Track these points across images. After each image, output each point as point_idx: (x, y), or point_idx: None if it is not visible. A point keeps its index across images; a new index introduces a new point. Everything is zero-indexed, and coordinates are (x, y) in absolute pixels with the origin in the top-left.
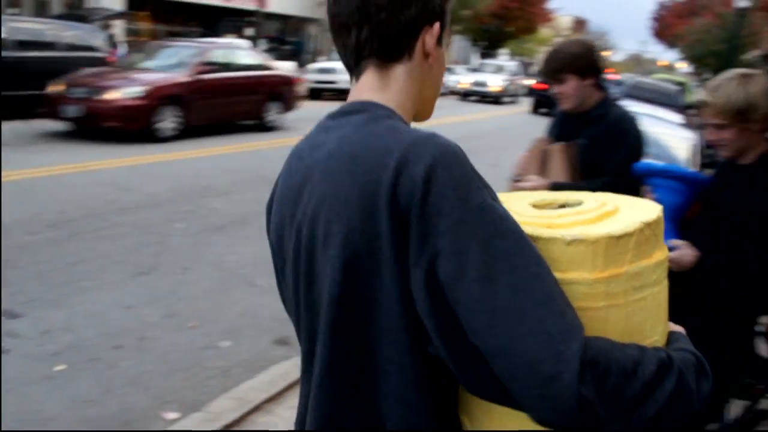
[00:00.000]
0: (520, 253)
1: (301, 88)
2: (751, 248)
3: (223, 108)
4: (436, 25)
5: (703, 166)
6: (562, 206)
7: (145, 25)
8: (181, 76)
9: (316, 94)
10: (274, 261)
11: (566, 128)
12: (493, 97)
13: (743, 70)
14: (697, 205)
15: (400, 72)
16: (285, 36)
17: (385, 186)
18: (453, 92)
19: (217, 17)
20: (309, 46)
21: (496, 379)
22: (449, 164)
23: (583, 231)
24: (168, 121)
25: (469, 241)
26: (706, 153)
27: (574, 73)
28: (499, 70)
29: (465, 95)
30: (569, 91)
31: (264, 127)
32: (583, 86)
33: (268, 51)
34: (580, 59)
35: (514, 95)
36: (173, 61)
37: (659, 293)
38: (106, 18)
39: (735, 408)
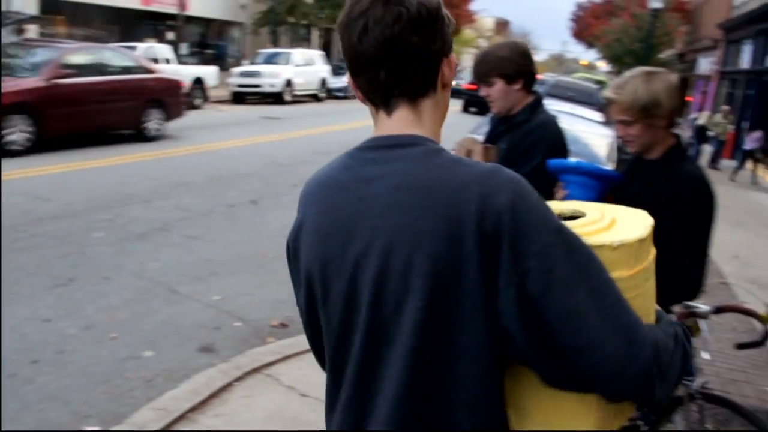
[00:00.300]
0: (591, 264)
1: (218, 92)
2: (658, 242)
3: (90, 117)
4: (452, 56)
5: (622, 162)
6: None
7: (61, 30)
8: (32, 82)
9: (239, 98)
10: (307, 291)
11: (495, 131)
12: None
13: (648, 68)
14: (608, 201)
15: (428, 105)
16: (207, 39)
17: (470, 217)
18: None
19: (137, 21)
20: (232, 50)
21: (577, 370)
22: (525, 194)
23: (622, 236)
24: (15, 132)
25: (554, 260)
26: (625, 149)
27: (501, 77)
28: None
29: None
30: (495, 94)
31: (144, 138)
32: (511, 90)
33: (190, 55)
34: (508, 63)
35: None
36: (29, 65)
37: (654, 281)
38: (20, 22)
39: None
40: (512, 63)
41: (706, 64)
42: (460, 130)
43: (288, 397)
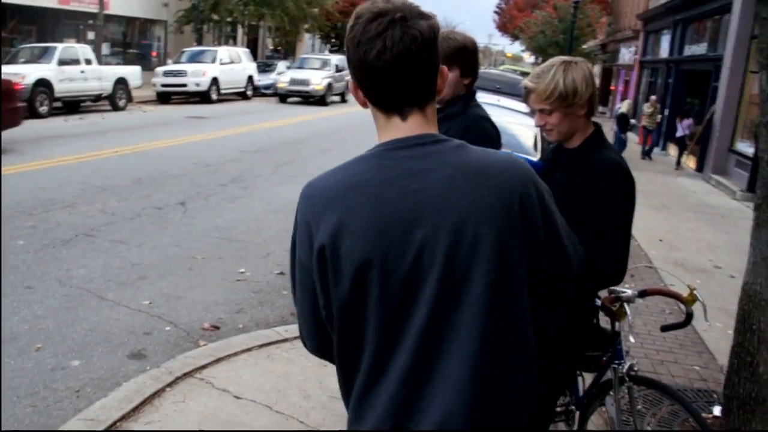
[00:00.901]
0: (559, 211)
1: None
2: (582, 229)
3: None
4: (444, 67)
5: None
6: None
7: None
8: None
9: (164, 97)
10: (354, 283)
11: None
12: (317, 96)
13: (565, 57)
14: None
15: (431, 109)
16: (129, 39)
17: (516, 192)
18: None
19: (55, 21)
20: (156, 49)
21: (565, 276)
22: (534, 172)
23: None
24: None
25: (556, 214)
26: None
27: (459, 67)
28: (324, 65)
29: (283, 97)
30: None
31: None
32: (460, 83)
33: (112, 55)
34: (470, 57)
35: (342, 94)
36: None
37: None
38: None
39: (589, 382)
40: (472, 57)
41: (627, 54)
42: None
43: (222, 400)
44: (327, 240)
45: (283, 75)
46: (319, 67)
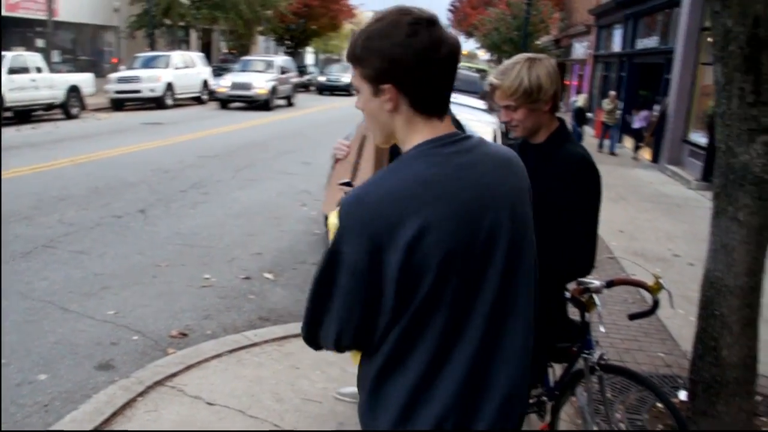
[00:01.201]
0: None
1: None
2: (548, 223)
3: None
4: None
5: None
6: None
7: None
8: None
9: (118, 104)
10: (438, 277)
11: None
12: (260, 101)
13: (530, 54)
14: None
15: None
16: (80, 45)
17: (527, 180)
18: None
19: (3, 28)
20: (109, 55)
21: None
22: None
23: None
24: None
25: None
26: (509, 135)
27: None
28: (268, 67)
29: (225, 102)
30: None
31: None
32: None
33: (63, 62)
34: None
35: (287, 97)
36: None
37: None
38: None
39: (559, 372)
40: None
41: (580, 49)
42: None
43: (194, 408)
44: (412, 239)
45: (223, 79)
46: (263, 70)
